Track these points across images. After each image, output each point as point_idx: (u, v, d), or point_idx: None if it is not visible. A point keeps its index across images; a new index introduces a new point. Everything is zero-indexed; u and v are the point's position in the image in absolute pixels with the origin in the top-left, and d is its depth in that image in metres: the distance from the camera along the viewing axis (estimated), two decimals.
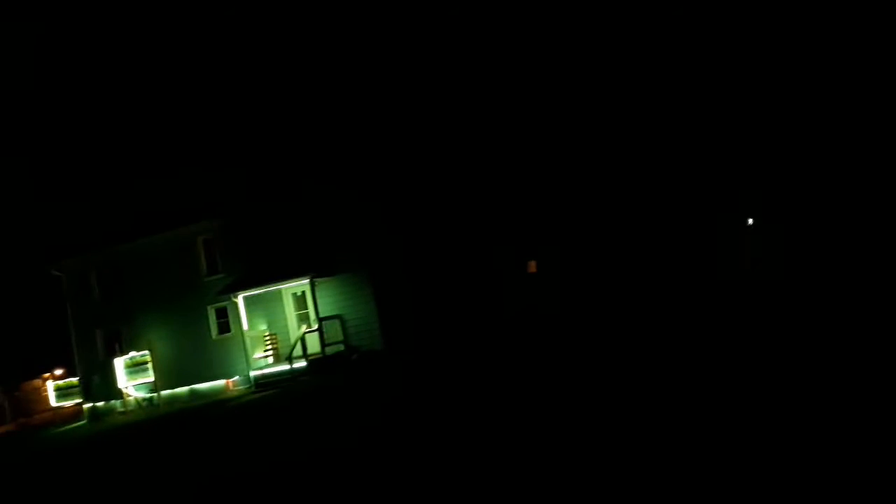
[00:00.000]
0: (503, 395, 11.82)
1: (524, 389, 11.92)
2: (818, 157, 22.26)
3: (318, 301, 22.95)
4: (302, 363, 22.37)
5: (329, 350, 22.51)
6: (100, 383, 27.57)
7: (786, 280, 21.39)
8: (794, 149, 22.65)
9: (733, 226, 23.80)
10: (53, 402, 30.58)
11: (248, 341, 23.81)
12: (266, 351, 24.13)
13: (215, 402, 22.49)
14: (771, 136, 22.96)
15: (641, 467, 6.42)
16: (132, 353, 26.31)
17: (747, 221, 23.64)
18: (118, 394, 26.60)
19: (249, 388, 23.60)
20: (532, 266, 25.63)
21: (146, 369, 26.09)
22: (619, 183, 23.97)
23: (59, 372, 31.62)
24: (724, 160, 23.31)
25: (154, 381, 26.12)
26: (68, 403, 30.06)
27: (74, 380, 29.38)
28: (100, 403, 27.85)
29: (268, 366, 23.62)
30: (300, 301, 24.39)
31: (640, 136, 23.87)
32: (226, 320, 25.05)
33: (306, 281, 22.89)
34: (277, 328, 24.46)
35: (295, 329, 24.15)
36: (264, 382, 22.95)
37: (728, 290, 21.47)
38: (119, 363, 26.13)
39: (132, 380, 26.13)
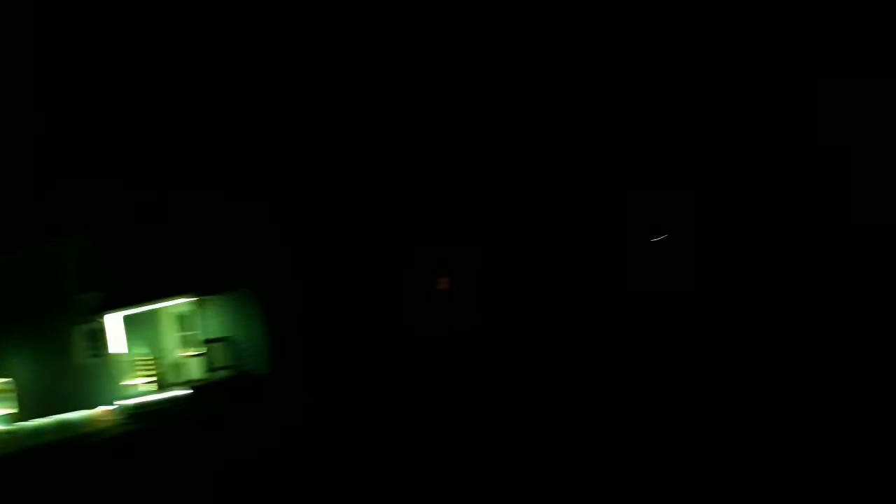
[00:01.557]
0: (390, 429, 10.79)
1: (415, 419, 10.97)
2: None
3: (204, 322, 21.19)
4: (185, 390, 20.55)
5: (215, 375, 20.76)
6: None
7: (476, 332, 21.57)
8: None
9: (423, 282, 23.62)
10: None
11: (124, 366, 21.69)
12: (145, 376, 22.05)
13: (81, 436, 20.28)
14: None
15: None
16: None
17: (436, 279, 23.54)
18: None
19: (125, 418, 21.46)
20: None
21: (8, 398, 23.42)
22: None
23: None
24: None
25: (17, 412, 23.46)
26: None
27: None
28: None
29: (147, 393, 21.58)
30: (184, 322, 22.47)
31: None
32: (99, 343, 22.76)
33: (189, 300, 21.07)
34: (159, 352, 22.42)
35: (178, 352, 22.23)
36: (141, 412, 20.89)
37: (420, 345, 21.24)
38: None
39: None
